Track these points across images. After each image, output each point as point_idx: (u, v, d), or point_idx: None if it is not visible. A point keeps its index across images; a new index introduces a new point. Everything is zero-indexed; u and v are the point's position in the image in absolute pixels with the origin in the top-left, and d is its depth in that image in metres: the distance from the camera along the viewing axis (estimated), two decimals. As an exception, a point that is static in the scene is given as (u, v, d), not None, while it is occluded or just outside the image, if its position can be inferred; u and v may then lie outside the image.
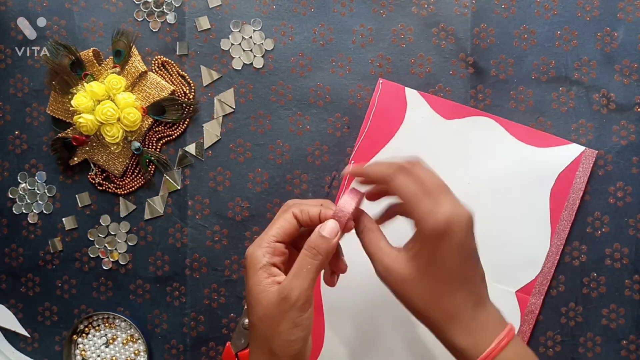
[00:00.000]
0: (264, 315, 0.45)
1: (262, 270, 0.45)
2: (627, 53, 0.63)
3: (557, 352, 0.63)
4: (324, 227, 0.46)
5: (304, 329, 0.45)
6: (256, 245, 0.47)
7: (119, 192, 0.67)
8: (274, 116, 0.66)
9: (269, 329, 0.45)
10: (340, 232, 0.47)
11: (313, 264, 0.45)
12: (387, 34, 0.65)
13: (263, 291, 0.45)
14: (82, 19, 0.67)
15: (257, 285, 0.45)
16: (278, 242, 0.47)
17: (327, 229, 0.46)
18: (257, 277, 0.45)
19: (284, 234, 0.47)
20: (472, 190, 0.64)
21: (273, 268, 0.46)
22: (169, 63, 0.67)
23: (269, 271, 0.46)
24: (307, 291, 0.44)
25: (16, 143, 0.68)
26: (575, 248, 0.63)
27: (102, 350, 0.67)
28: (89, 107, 0.64)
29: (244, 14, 0.66)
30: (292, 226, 0.47)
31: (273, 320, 0.44)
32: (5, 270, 0.68)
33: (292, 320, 0.44)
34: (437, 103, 0.64)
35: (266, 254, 0.46)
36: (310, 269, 0.45)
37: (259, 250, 0.46)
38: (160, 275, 0.67)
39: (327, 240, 0.46)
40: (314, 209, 0.47)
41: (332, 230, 0.46)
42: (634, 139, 0.63)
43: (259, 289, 0.45)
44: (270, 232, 0.47)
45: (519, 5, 0.64)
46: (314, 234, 0.46)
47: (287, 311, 0.44)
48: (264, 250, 0.46)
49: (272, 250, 0.46)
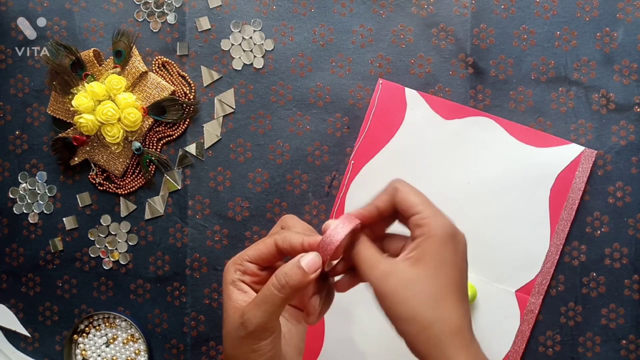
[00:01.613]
0: (227, 333, 0.44)
1: (231, 286, 0.45)
2: (626, 53, 0.63)
3: (557, 352, 0.63)
4: (304, 258, 0.43)
5: (263, 353, 0.43)
6: (232, 260, 0.46)
7: (120, 192, 0.67)
8: (274, 116, 0.66)
9: (230, 348, 0.44)
10: (320, 269, 0.43)
11: (277, 296, 0.43)
12: (387, 34, 0.65)
13: (230, 307, 0.44)
14: (82, 19, 0.67)
15: (227, 299, 0.45)
16: (251, 262, 0.45)
17: (307, 261, 0.43)
18: (227, 290, 0.45)
19: (259, 257, 0.45)
20: (472, 190, 0.64)
21: (243, 284, 0.45)
22: (170, 63, 0.67)
23: (239, 287, 0.45)
24: (266, 323, 0.43)
25: (17, 143, 0.68)
26: (575, 248, 0.63)
27: (102, 350, 0.67)
28: (89, 108, 0.64)
29: (244, 14, 0.66)
30: (269, 252, 0.45)
31: (233, 341, 0.44)
32: (6, 270, 0.68)
33: (249, 347, 0.43)
34: (437, 103, 0.65)
35: (237, 271, 0.45)
36: (273, 301, 0.42)
37: (232, 266, 0.46)
38: (160, 275, 0.67)
39: (303, 273, 0.43)
40: (296, 237, 0.44)
41: (312, 264, 0.43)
42: (634, 139, 0.63)
43: (228, 303, 0.45)
44: (248, 251, 0.46)
45: (518, 5, 0.64)
46: (291, 262, 0.43)
47: (245, 337, 0.43)
48: (236, 266, 0.46)
49: (243, 269, 0.45)
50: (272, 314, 0.43)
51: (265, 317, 0.42)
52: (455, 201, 0.64)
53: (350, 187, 0.65)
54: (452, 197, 0.64)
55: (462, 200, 0.64)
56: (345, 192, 0.65)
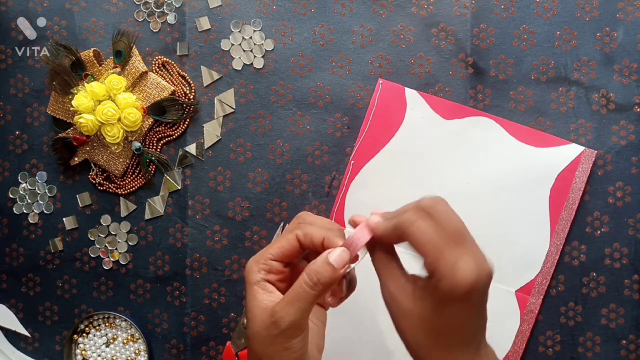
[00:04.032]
0: (256, 333, 0.44)
1: (256, 286, 0.45)
2: (626, 53, 0.63)
3: (557, 352, 0.63)
4: (332, 254, 0.43)
5: (295, 351, 0.43)
6: (254, 260, 0.46)
7: (120, 192, 0.67)
8: (274, 116, 0.66)
9: (260, 347, 0.44)
10: (349, 264, 0.43)
11: (309, 294, 0.42)
12: (387, 34, 0.65)
13: (256, 307, 0.44)
14: (82, 19, 0.67)
15: (252, 299, 0.45)
16: (275, 260, 0.45)
17: (335, 257, 0.43)
18: (252, 291, 0.45)
19: (282, 255, 0.45)
20: (472, 190, 0.64)
21: (268, 284, 0.45)
22: (170, 63, 0.67)
23: (264, 287, 0.45)
24: (299, 321, 0.42)
25: (17, 143, 0.68)
26: (575, 248, 0.63)
27: (102, 350, 0.67)
28: (89, 108, 0.64)
29: (244, 14, 0.66)
30: (292, 248, 0.45)
31: (264, 340, 0.43)
32: (6, 270, 0.68)
33: (282, 345, 0.43)
34: (437, 103, 0.65)
35: (261, 271, 0.45)
36: (306, 298, 0.42)
37: (256, 266, 0.45)
38: (160, 275, 0.67)
39: (333, 269, 0.43)
40: (318, 233, 0.44)
41: (341, 260, 0.43)
42: (634, 139, 0.63)
43: (253, 303, 0.44)
44: (270, 249, 0.45)
45: (518, 5, 0.64)
46: (319, 259, 0.43)
47: (277, 336, 0.43)
48: (260, 266, 0.45)
49: (267, 268, 0.45)
50: (305, 312, 0.43)
51: (298, 315, 0.42)
52: (455, 201, 0.63)
53: (350, 187, 0.65)
54: (452, 197, 0.63)
55: (462, 201, 0.64)
56: (345, 192, 0.65)
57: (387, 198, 0.64)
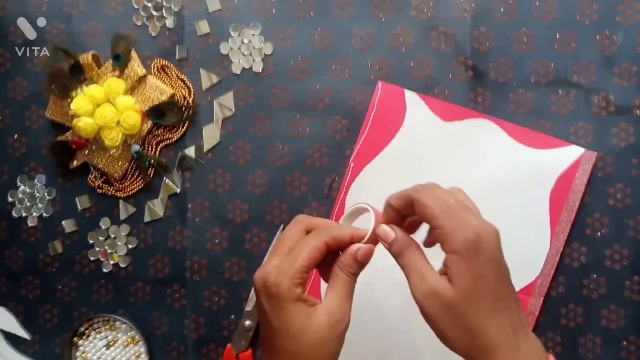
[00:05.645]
0: (316, 341, 0.44)
1: (299, 302, 0.44)
2: (626, 56, 0.63)
3: (557, 353, 0.63)
4: (361, 251, 0.47)
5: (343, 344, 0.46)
6: (285, 276, 0.44)
7: (119, 195, 0.67)
8: (273, 119, 0.66)
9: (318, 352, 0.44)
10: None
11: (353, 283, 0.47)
12: (387, 37, 0.65)
13: (308, 318, 0.44)
14: (81, 23, 0.67)
15: (296, 315, 0.44)
16: (307, 272, 0.45)
17: (362, 254, 0.47)
18: (294, 308, 0.44)
19: (313, 264, 0.45)
20: (472, 192, 0.63)
21: (308, 297, 0.45)
22: (169, 67, 0.67)
23: (305, 299, 0.45)
24: (350, 311, 0.46)
25: (16, 146, 0.68)
26: (575, 249, 0.63)
27: (102, 353, 0.67)
28: (88, 111, 0.64)
29: (244, 18, 0.66)
30: (321, 255, 0.46)
31: (328, 344, 0.45)
32: (6, 273, 0.68)
33: (343, 341, 0.46)
34: (437, 105, 0.65)
35: (299, 286, 0.44)
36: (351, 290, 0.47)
37: (288, 281, 0.44)
38: (160, 277, 0.67)
39: (361, 264, 0.47)
40: (345, 233, 0.47)
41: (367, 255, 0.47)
42: (634, 141, 0.63)
43: (299, 318, 0.44)
44: (300, 262, 0.44)
45: (518, 9, 0.64)
46: (347, 254, 0.47)
47: (342, 332, 0.45)
48: (296, 281, 0.44)
49: (303, 282, 0.45)
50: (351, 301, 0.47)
51: (350, 306, 0.46)
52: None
53: (350, 189, 0.65)
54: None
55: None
56: (345, 194, 0.65)
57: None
